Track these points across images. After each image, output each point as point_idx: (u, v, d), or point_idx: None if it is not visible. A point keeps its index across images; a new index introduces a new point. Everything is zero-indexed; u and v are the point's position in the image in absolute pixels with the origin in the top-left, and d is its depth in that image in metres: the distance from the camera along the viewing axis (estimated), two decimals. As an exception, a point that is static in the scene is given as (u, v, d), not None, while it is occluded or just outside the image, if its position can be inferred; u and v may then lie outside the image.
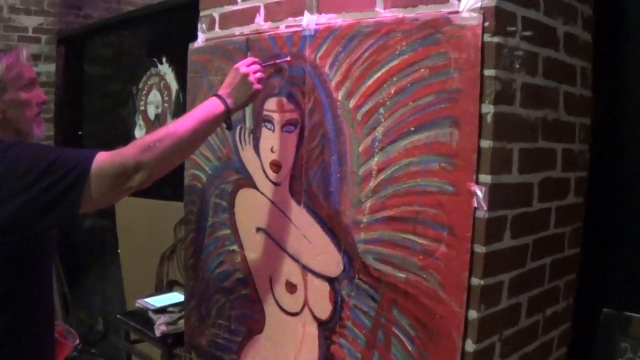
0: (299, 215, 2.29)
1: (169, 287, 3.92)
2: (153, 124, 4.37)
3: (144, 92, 4.49)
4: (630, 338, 2.14)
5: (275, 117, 2.36)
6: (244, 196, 2.54)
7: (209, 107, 2.08)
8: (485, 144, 1.75)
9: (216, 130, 2.38)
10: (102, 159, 1.87)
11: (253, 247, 2.52)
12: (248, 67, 2.17)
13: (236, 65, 2.18)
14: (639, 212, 2.21)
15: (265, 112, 2.41)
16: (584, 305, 2.32)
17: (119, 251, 4.74)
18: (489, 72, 1.74)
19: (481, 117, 1.75)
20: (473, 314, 1.80)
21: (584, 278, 2.31)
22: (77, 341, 2.26)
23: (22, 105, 2.04)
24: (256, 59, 2.23)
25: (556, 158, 2.06)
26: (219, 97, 2.11)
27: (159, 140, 1.92)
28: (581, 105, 2.18)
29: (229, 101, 2.11)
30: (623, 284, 2.25)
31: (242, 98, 2.14)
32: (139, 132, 4.55)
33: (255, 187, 2.48)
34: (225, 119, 2.12)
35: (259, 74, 2.18)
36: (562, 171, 2.10)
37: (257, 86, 2.16)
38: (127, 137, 4.66)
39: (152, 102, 4.39)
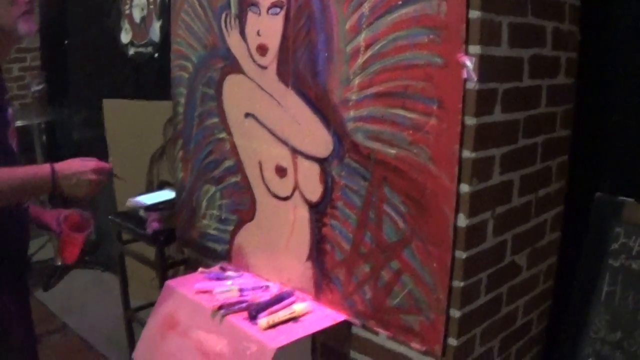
0: (287, 97, 2.27)
1: (160, 188, 3.90)
2: (139, 27, 4.30)
3: (129, -5, 4.41)
4: (623, 223, 2.14)
5: (261, 0, 2.31)
6: (232, 82, 2.51)
7: (38, 182, 1.97)
8: (474, 14, 1.71)
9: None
10: None
11: (242, 134, 2.51)
12: (97, 172, 2.07)
13: (90, 166, 2.06)
14: (632, 94, 2.19)
15: (250, -4, 2.35)
16: (576, 189, 2.34)
17: (110, 159, 4.71)
18: (475, -60, 1.69)
19: (469, -14, 1.71)
20: (465, 188, 1.80)
21: (577, 162, 2.32)
22: (92, 227, 2.21)
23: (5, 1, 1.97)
24: (108, 167, 2.13)
25: (546, 35, 2.03)
26: (54, 178, 1.97)
27: None
28: (570, -17, 2.14)
29: (59, 187, 1.99)
30: (616, 168, 2.25)
31: (71, 192, 2.02)
32: (125, 36, 4.47)
33: (242, 72, 2.44)
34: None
35: (101, 182, 2.09)
36: (552, 49, 2.07)
37: (93, 191, 2.06)
38: (113, 43, 4.59)
39: (137, 4, 4.31)
